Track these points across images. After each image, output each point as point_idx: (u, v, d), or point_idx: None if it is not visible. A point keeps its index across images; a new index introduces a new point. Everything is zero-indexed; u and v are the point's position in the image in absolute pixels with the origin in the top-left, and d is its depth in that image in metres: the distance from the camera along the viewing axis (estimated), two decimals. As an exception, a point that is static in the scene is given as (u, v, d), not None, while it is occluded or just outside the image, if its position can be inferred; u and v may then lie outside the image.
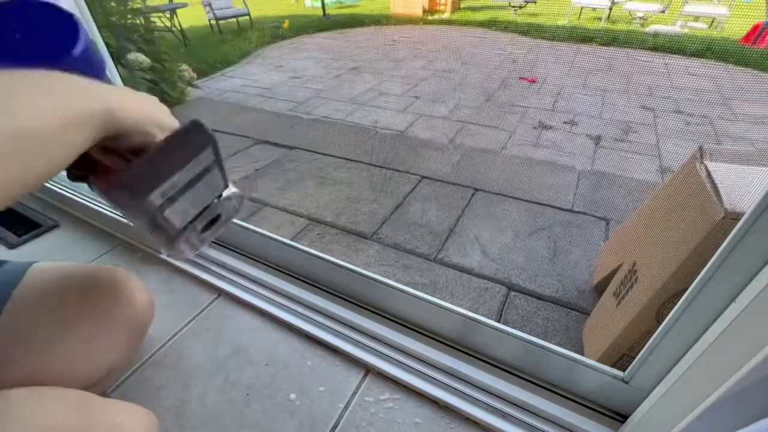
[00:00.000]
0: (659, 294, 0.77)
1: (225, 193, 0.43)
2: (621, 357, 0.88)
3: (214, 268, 0.92)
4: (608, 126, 2.50)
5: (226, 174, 0.42)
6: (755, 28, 3.02)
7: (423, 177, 1.97)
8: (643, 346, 0.50)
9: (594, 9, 4.84)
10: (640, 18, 4.31)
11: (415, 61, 4.16)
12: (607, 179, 1.93)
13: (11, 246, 1.02)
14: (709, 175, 0.78)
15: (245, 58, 4.48)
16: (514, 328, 0.64)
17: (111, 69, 0.75)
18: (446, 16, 6.01)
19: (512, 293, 1.28)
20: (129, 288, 0.60)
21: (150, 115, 0.34)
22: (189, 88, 3.26)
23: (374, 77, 3.65)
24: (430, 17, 5.97)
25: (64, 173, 0.34)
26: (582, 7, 4.79)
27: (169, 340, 0.78)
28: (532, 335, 0.62)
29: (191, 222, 0.40)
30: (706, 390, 0.38)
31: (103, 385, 0.62)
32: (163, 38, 3.37)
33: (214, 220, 0.44)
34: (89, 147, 0.29)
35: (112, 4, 2.74)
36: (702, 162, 0.84)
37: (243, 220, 0.89)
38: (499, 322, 0.67)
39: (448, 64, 4.00)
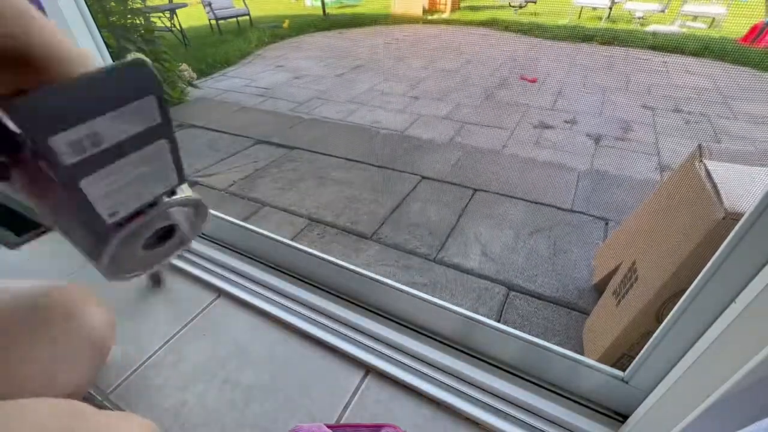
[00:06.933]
0: (659, 294, 0.77)
1: (179, 194, 0.30)
2: (621, 357, 0.88)
3: (213, 268, 0.92)
4: (608, 125, 2.50)
5: (181, 163, 0.29)
6: (754, 27, 3.03)
7: (423, 177, 1.97)
8: (643, 346, 0.50)
9: (594, 8, 4.86)
10: (640, 17, 4.32)
11: (416, 60, 4.16)
12: (607, 178, 1.93)
13: (12, 246, 1.02)
14: (708, 174, 0.78)
15: (245, 57, 4.48)
16: (514, 328, 0.64)
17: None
18: (446, 15, 6.02)
19: (512, 293, 1.28)
20: (85, 306, 0.56)
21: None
22: (189, 88, 3.26)
23: (375, 76, 3.65)
24: (429, 17, 5.97)
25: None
26: (582, 7, 4.81)
27: (169, 340, 0.78)
28: (532, 335, 0.62)
29: (130, 219, 0.27)
30: (706, 390, 0.38)
31: None
32: (163, 38, 3.37)
33: (165, 235, 0.32)
34: None
35: (112, 4, 2.74)
36: (701, 161, 0.84)
37: (243, 220, 0.89)
38: (499, 322, 0.67)
39: (448, 64, 4.00)
